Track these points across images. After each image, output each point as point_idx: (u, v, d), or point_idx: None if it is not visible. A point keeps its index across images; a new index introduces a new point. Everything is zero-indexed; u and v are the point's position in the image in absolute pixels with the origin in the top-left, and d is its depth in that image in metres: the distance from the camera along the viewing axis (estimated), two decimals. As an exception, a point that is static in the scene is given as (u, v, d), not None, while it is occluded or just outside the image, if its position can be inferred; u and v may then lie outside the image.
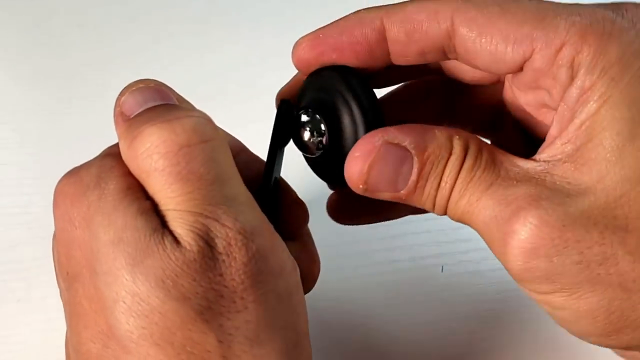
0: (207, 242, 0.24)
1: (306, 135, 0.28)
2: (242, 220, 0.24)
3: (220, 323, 0.24)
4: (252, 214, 0.25)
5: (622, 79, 0.24)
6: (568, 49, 0.24)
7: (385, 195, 0.26)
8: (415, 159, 0.25)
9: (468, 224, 0.26)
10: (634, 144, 0.24)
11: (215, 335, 0.23)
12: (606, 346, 0.26)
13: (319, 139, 0.28)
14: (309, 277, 0.29)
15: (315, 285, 0.30)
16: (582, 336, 0.26)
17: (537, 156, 0.26)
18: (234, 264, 0.24)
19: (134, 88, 0.26)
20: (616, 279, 0.24)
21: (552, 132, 0.25)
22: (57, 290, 0.28)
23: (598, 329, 0.25)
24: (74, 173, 0.26)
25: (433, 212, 0.27)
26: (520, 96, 0.28)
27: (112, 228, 0.24)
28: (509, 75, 0.28)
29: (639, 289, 0.24)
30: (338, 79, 0.27)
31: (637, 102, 0.24)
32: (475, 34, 0.25)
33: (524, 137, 0.29)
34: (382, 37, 0.27)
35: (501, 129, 0.31)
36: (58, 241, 0.26)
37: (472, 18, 0.25)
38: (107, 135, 0.29)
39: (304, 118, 0.28)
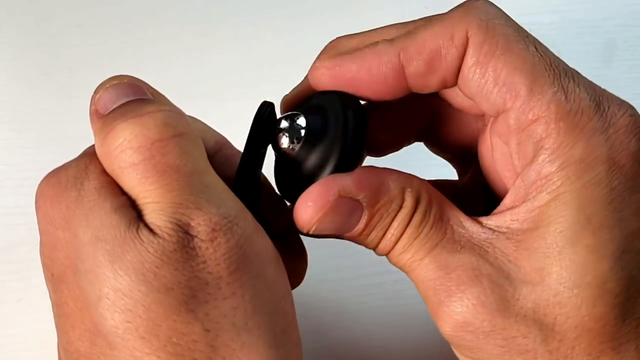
0: (186, 232, 0.24)
1: (283, 140, 0.28)
2: (224, 206, 0.24)
3: (206, 312, 0.23)
4: (233, 201, 0.25)
5: (579, 180, 0.24)
6: (541, 126, 0.24)
7: (330, 235, 0.27)
8: (366, 211, 0.26)
9: (407, 274, 0.27)
10: (574, 248, 0.24)
11: (202, 325, 0.23)
12: None
13: (292, 146, 0.28)
14: (294, 273, 0.29)
15: (315, 285, 0.30)
16: None
17: (485, 220, 0.26)
18: (218, 249, 0.24)
19: (108, 85, 0.26)
20: None
21: (506, 201, 0.26)
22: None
23: None
24: (53, 174, 0.26)
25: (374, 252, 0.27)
26: (494, 144, 0.28)
27: (89, 227, 0.24)
28: (491, 118, 0.28)
29: None
30: (338, 108, 0.27)
31: (586, 208, 0.24)
32: (473, 60, 0.26)
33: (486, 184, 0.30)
34: (401, 74, 0.27)
35: (471, 166, 0.31)
36: (42, 243, 0.26)
37: (479, 43, 0.25)
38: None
39: (284, 124, 0.28)
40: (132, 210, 0.24)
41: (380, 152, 0.32)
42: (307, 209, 0.26)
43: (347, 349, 0.37)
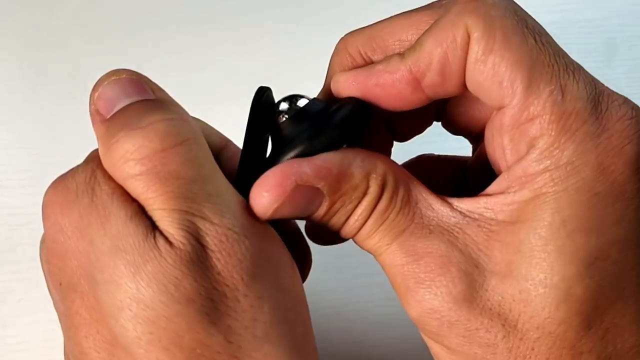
0: (197, 240, 0.23)
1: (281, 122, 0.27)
2: (229, 216, 0.24)
3: (228, 324, 0.23)
4: (239, 209, 0.25)
5: (562, 183, 0.24)
6: (535, 125, 0.24)
7: (289, 218, 0.26)
8: (326, 198, 0.25)
9: (375, 257, 0.27)
10: (545, 247, 0.24)
11: (224, 337, 0.23)
12: None
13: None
14: (300, 271, 0.29)
15: (315, 286, 0.30)
16: None
17: (456, 202, 0.26)
18: (229, 260, 0.23)
19: (106, 82, 0.26)
20: None
21: (486, 190, 0.26)
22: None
23: None
24: (59, 182, 0.26)
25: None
26: (493, 135, 0.27)
27: (107, 237, 0.24)
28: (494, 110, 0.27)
29: None
30: (341, 101, 0.27)
31: (564, 210, 0.24)
32: (473, 58, 0.25)
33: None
34: (417, 87, 0.26)
35: (479, 142, 0.31)
36: (50, 252, 0.26)
37: (478, 39, 0.25)
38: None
39: (283, 106, 0.28)
40: (146, 218, 0.24)
41: (405, 137, 0.32)
42: (262, 198, 0.25)
43: (347, 349, 0.37)
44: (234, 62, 0.51)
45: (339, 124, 0.26)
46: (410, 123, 0.31)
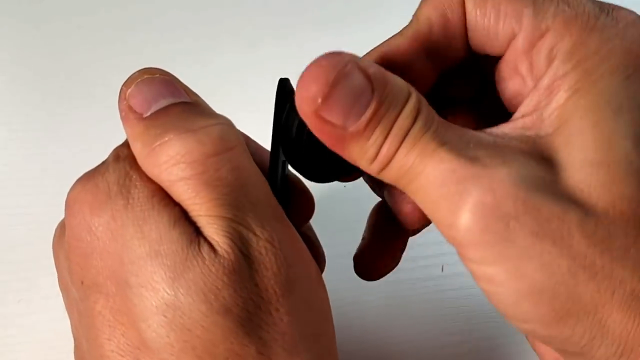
0: (241, 250, 0.23)
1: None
2: (269, 227, 0.24)
3: (260, 335, 0.23)
4: (278, 220, 0.25)
5: (596, 72, 0.23)
6: (550, 36, 0.24)
7: (330, 131, 0.23)
8: (375, 93, 0.22)
9: (403, 185, 0.24)
10: (598, 128, 0.23)
11: (256, 348, 0.23)
12: (543, 338, 0.24)
13: None
14: None
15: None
16: (519, 323, 0.24)
17: (492, 130, 0.24)
18: (266, 273, 0.23)
19: (139, 79, 0.25)
20: (566, 263, 0.22)
21: (517, 113, 0.25)
22: (58, 291, 0.28)
23: (538, 314, 0.23)
24: (88, 179, 0.25)
25: (368, 167, 0.24)
26: (502, 83, 0.27)
27: (146, 240, 0.23)
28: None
29: (588, 278, 0.22)
30: None
31: (604, 93, 0.23)
32: (471, 4, 0.25)
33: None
34: (422, 58, 0.26)
35: (480, 103, 0.30)
36: (72, 249, 0.25)
37: None
38: (108, 136, 0.29)
39: None
40: (189, 225, 0.24)
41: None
42: (320, 70, 0.22)
43: (347, 349, 0.37)
44: (235, 65, 0.51)
45: None
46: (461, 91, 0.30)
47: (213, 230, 0.23)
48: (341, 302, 0.38)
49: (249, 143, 0.29)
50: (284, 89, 0.27)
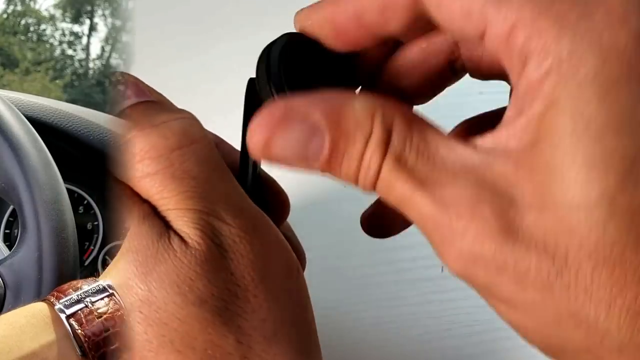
0: (213, 240, 0.23)
1: None
2: (241, 216, 0.24)
3: (238, 324, 0.23)
4: (250, 209, 0.25)
5: (573, 79, 0.20)
6: (519, 32, 0.20)
7: (300, 167, 0.22)
8: (327, 135, 0.21)
9: (401, 210, 0.23)
10: (574, 164, 0.20)
11: (235, 337, 0.23)
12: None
13: None
14: None
15: (315, 286, 0.30)
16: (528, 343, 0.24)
17: (480, 141, 0.22)
18: (242, 260, 0.23)
19: None
20: (552, 309, 0.22)
21: (503, 119, 0.22)
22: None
23: (539, 344, 0.23)
24: None
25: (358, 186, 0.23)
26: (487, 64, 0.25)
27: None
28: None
29: (574, 325, 0.21)
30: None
31: (583, 111, 0.20)
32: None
33: None
34: (360, 22, 0.23)
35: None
36: None
37: None
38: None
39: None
40: (159, 219, 0.24)
41: (423, 98, 0.28)
42: (256, 134, 0.22)
43: (347, 349, 0.37)
44: (233, 58, 0.51)
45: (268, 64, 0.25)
46: (423, 80, 0.27)
47: (183, 222, 0.23)
48: (341, 302, 0.38)
49: (221, 145, 0.29)
50: (253, 89, 0.27)
